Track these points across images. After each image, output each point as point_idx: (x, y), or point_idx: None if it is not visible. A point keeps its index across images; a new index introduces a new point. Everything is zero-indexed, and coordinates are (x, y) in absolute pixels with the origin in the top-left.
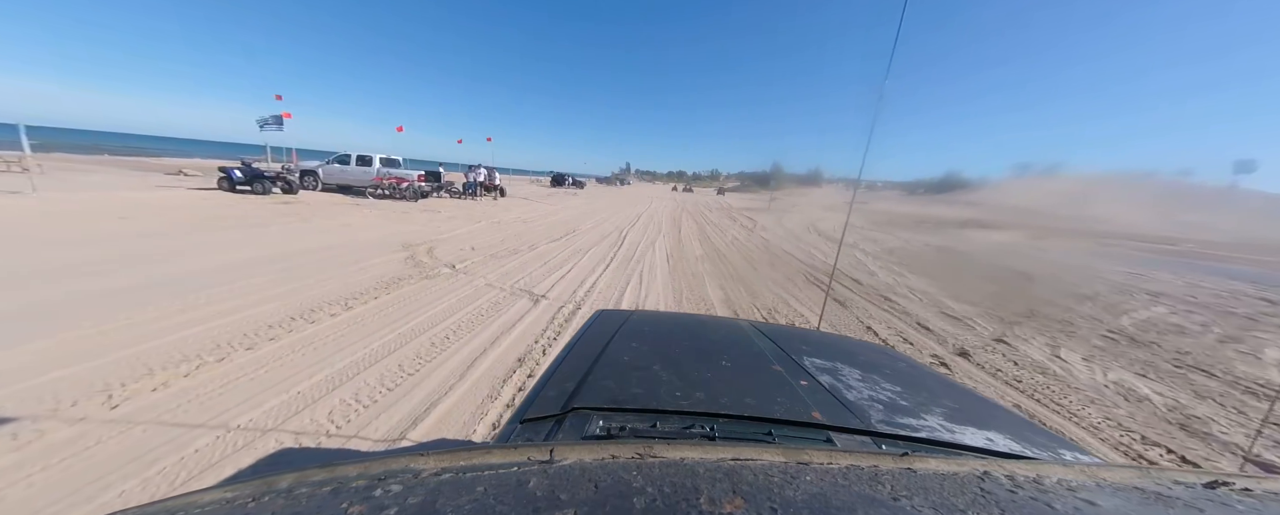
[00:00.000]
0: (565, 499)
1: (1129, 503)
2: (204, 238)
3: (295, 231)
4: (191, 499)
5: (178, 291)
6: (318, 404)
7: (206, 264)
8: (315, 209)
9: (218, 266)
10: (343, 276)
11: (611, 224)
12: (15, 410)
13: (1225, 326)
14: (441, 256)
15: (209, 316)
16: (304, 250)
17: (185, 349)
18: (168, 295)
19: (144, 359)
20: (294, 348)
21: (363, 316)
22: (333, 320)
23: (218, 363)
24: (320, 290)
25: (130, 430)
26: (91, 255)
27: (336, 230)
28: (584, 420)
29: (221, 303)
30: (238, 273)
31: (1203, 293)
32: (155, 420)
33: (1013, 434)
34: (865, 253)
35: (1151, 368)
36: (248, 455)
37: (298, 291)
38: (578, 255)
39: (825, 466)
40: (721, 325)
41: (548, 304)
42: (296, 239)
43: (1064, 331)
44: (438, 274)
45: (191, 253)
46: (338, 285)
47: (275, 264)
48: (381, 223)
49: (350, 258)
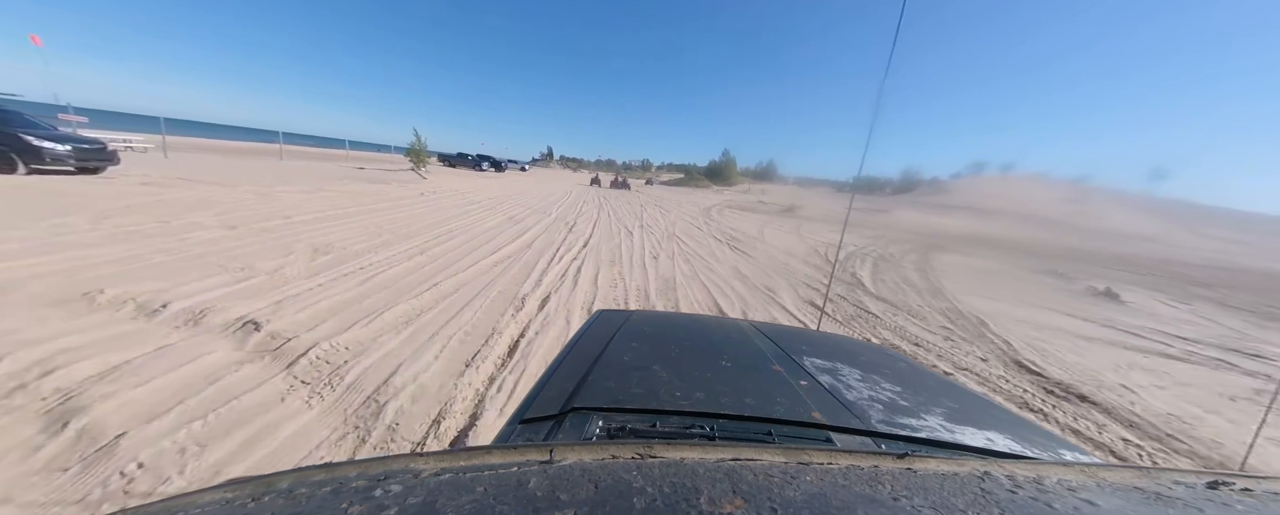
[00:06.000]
0: (565, 499)
1: (1129, 503)
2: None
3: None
4: (191, 499)
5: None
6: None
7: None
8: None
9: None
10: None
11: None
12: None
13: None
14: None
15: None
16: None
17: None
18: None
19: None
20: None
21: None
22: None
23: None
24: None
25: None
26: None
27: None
28: (584, 420)
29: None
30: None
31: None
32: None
33: (1013, 434)
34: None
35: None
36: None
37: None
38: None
39: (825, 467)
40: (722, 325)
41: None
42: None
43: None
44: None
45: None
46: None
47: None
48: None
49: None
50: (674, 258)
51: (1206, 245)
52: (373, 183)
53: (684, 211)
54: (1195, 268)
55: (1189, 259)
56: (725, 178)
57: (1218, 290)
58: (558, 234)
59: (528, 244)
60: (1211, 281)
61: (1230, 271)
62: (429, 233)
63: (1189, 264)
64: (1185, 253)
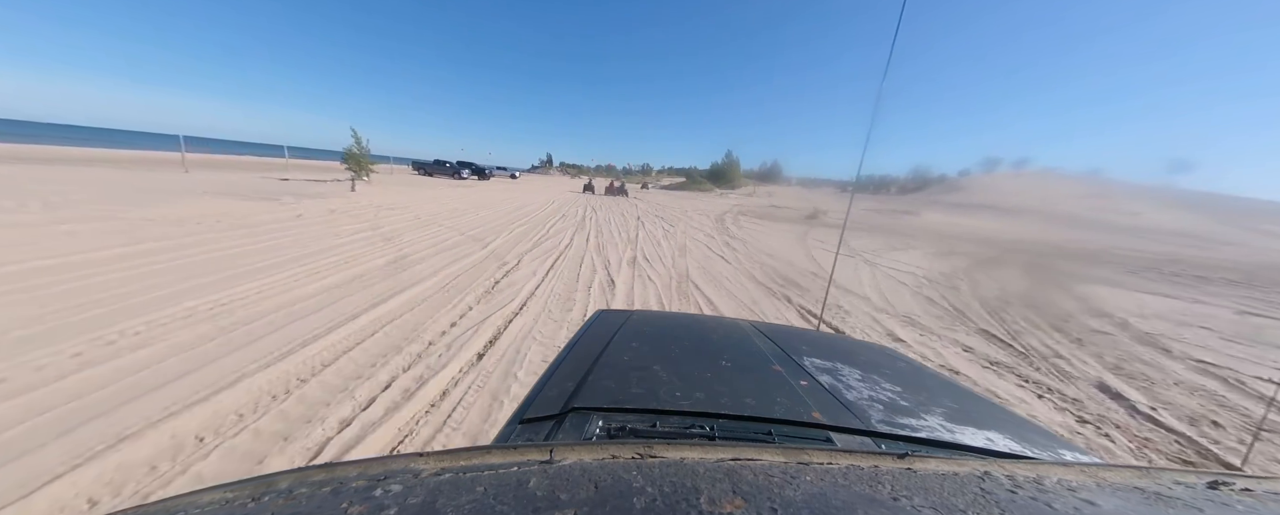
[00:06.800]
0: (565, 499)
1: (1129, 503)
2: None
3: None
4: (191, 499)
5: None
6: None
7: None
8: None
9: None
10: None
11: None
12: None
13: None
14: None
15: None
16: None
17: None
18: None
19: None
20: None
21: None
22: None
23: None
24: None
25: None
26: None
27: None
28: (584, 420)
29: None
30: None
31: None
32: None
33: (1013, 434)
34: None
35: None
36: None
37: None
38: None
39: (825, 466)
40: (721, 325)
41: None
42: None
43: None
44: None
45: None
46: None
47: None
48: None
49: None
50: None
51: (1276, 245)
52: (256, 199)
53: (692, 223)
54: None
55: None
56: (728, 180)
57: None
58: (449, 305)
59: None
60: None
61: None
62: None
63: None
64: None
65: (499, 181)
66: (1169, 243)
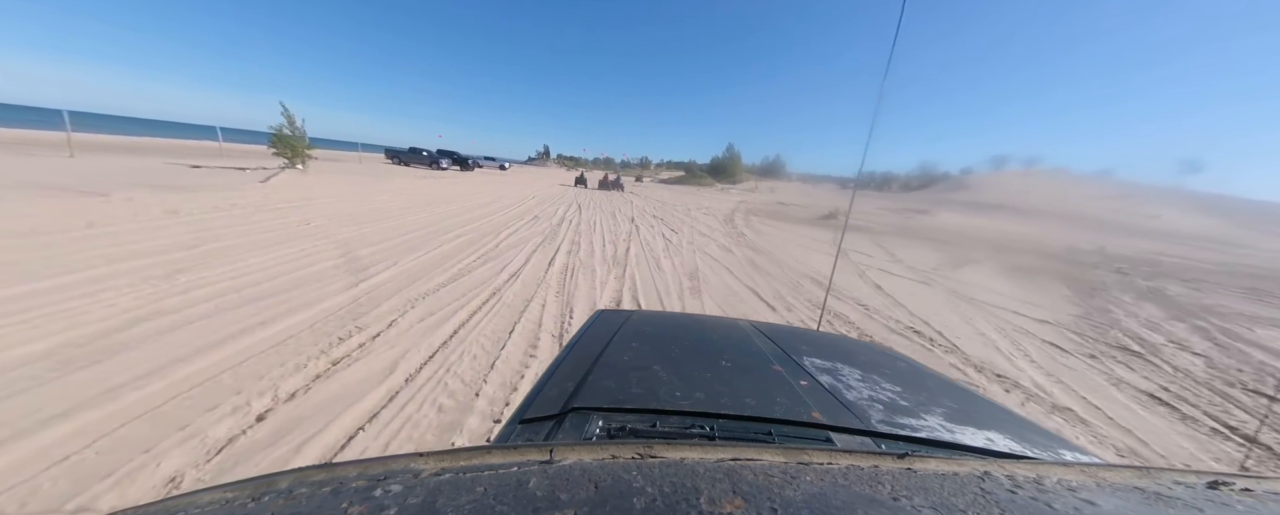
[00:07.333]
0: (565, 499)
1: (1129, 503)
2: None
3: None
4: (191, 499)
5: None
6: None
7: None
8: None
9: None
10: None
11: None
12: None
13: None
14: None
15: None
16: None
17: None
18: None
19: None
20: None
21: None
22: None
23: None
24: None
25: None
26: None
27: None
28: (584, 420)
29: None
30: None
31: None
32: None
33: (1013, 434)
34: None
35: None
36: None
37: None
38: None
39: (825, 466)
40: (721, 325)
41: None
42: None
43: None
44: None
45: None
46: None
47: None
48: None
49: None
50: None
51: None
52: (92, 196)
53: (699, 230)
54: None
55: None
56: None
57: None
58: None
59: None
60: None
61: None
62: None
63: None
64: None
65: (484, 173)
66: (1208, 248)
